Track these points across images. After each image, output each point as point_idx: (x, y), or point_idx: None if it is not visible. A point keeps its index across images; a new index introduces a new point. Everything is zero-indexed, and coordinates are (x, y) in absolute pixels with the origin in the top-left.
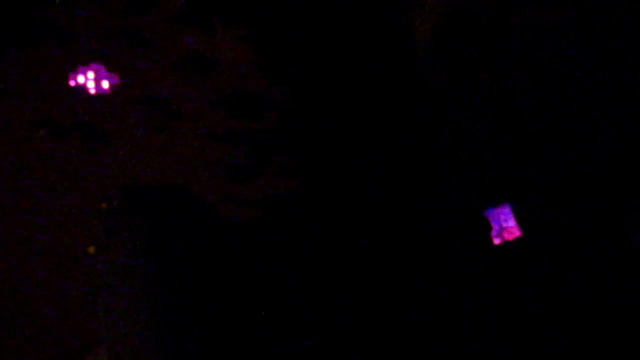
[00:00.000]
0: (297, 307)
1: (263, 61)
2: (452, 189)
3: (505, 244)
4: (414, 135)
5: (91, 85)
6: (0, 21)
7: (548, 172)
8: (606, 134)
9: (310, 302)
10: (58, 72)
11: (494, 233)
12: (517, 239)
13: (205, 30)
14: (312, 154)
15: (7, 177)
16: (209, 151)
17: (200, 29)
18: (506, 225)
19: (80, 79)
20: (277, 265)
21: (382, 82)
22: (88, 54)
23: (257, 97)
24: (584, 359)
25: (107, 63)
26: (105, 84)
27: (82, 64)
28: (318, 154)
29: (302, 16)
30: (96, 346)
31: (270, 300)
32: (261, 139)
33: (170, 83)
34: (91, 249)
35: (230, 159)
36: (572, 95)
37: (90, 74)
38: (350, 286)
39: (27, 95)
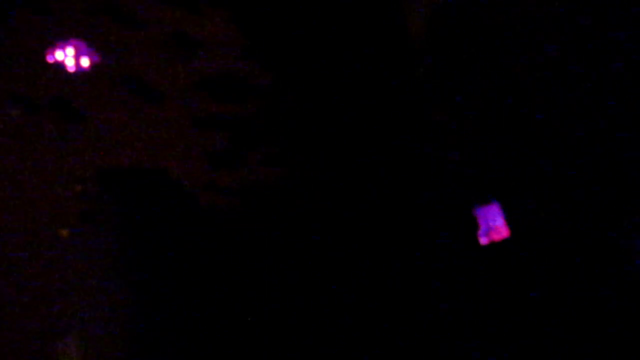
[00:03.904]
0: (277, 298)
1: (251, 43)
2: (438, 185)
3: (492, 244)
4: (401, 128)
5: (70, 63)
6: None
7: (539, 169)
8: (600, 134)
9: (292, 294)
10: (34, 46)
11: (480, 232)
12: (505, 240)
13: (190, 7)
14: (299, 143)
15: None
16: (190, 136)
17: (185, 6)
18: (494, 225)
19: (59, 55)
20: (258, 256)
21: (373, 71)
22: (66, 27)
23: (243, 81)
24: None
25: (86, 38)
26: (85, 62)
27: (60, 39)
28: (305, 142)
29: (293, 1)
30: (67, 334)
31: (249, 291)
32: (246, 124)
33: (152, 63)
34: (64, 233)
35: (212, 144)
36: (564, 92)
37: (70, 51)
38: (332, 281)
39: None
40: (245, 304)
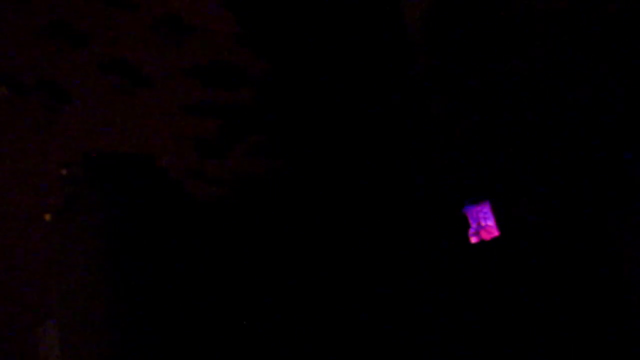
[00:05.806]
0: (265, 288)
1: (245, 32)
2: (431, 183)
3: (482, 243)
4: (395, 124)
5: None
6: None
7: (531, 170)
8: (590, 135)
9: (280, 283)
10: (21, 27)
11: (471, 231)
12: (495, 239)
13: None
14: (288, 134)
15: None
16: (179, 122)
17: None
18: (484, 224)
19: None
20: (244, 245)
21: (368, 65)
22: (54, 9)
23: (235, 69)
24: (560, 356)
25: (74, 20)
26: None
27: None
28: (294, 133)
29: None
30: (46, 319)
31: (235, 277)
32: (235, 113)
33: (143, 47)
34: (47, 217)
35: (200, 132)
36: (558, 93)
37: None
38: (321, 272)
39: None
40: (232, 290)
